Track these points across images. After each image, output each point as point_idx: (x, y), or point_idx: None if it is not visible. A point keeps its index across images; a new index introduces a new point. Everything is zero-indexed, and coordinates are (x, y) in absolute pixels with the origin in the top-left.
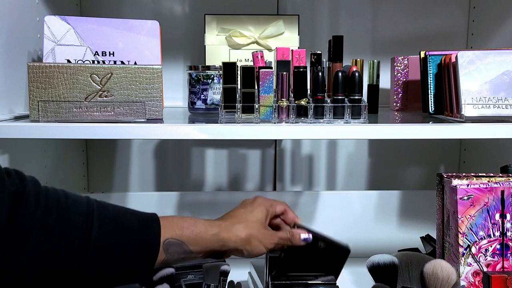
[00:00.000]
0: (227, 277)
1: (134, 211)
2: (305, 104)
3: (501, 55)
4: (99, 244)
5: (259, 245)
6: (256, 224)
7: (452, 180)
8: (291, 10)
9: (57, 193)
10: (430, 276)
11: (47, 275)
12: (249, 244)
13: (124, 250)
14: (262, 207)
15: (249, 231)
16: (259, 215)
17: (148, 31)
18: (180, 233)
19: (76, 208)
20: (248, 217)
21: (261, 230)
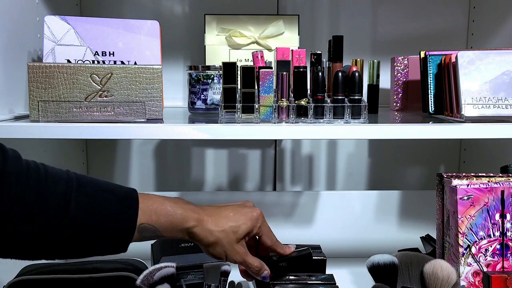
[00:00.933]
0: (227, 277)
1: (113, 188)
2: (305, 104)
3: (501, 55)
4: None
5: (222, 253)
6: (230, 235)
7: (452, 180)
8: (291, 10)
9: (38, 170)
10: (430, 276)
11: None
12: (212, 247)
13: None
14: (249, 223)
15: (220, 238)
16: (240, 228)
17: (148, 31)
18: (156, 220)
19: (55, 187)
20: (228, 224)
21: (232, 242)
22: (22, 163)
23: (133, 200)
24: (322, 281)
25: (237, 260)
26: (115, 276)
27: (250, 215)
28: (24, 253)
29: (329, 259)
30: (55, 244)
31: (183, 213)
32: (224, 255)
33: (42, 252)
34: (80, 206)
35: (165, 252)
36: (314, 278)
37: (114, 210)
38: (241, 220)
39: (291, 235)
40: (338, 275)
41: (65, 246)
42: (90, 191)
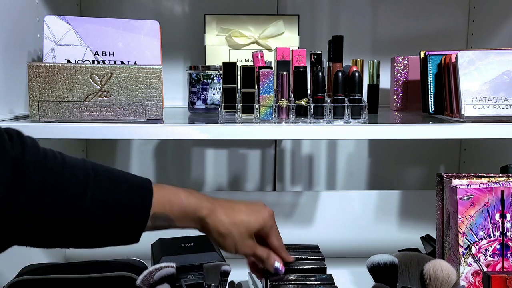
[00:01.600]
0: (227, 277)
1: (129, 177)
2: (305, 104)
3: (501, 55)
4: (91, 213)
5: (231, 246)
6: (242, 229)
7: (452, 180)
8: (291, 10)
9: (55, 159)
10: (430, 276)
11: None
12: (222, 239)
13: (114, 216)
14: (261, 220)
15: (231, 230)
16: (251, 225)
17: (148, 31)
18: (170, 209)
19: (72, 177)
20: (239, 218)
21: (243, 236)
22: (40, 152)
23: (148, 190)
24: (321, 282)
25: (247, 252)
26: (115, 276)
27: (263, 214)
28: (39, 241)
29: (329, 259)
30: (70, 233)
31: (196, 202)
32: (234, 248)
33: (57, 240)
34: (96, 195)
35: (165, 252)
36: (313, 278)
37: (128, 200)
38: (253, 216)
39: (291, 235)
40: (338, 275)
41: (79, 235)
42: (105, 181)
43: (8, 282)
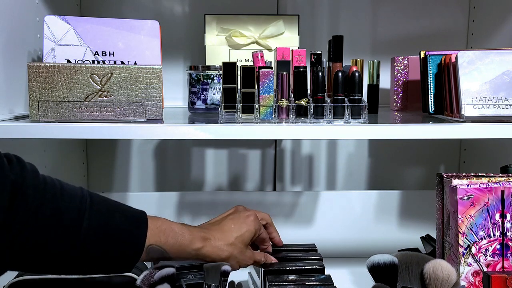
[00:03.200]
0: (227, 277)
1: (124, 209)
2: (305, 104)
3: (501, 55)
4: (87, 241)
5: (235, 264)
6: (239, 245)
7: (452, 180)
8: (291, 10)
9: (54, 185)
10: (430, 276)
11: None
12: (226, 261)
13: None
14: (251, 228)
15: (231, 252)
16: (245, 236)
17: (148, 31)
18: (164, 241)
19: (70, 203)
20: (234, 235)
21: (242, 251)
22: (39, 177)
23: (143, 221)
24: (320, 282)
25: (248, 263)
26: (115, 276)
27: (249, 221)
28: (32, 266)
29: (329, 260)
30: (65, 260)
31: (190, 234)
32: (237, 265)
33: (51, 266)
34: (93, 223)
35: None
36: (312, 278)
37: (124, 230)
38: (244, 228)
39: (291, 235)
40: (338, 275)
41: (74, 262)
42: (102, 210)
43: (8, 282)
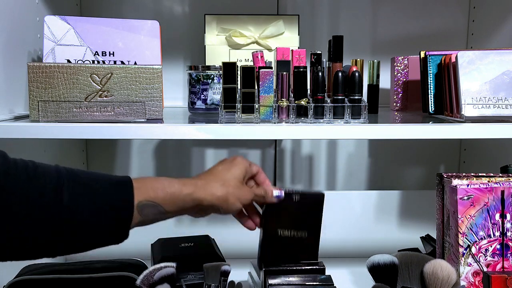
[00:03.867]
0: (227, 277)
1: (106, 175)
2: (305, 104)
3: (501, 55)
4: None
5: (236, 202)
6: (233, 182)
7: (452, 180)
8: (291, 10)
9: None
10: (430, 276)
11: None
12: (225, 202)
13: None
14: (241, 165)
15: (226, 189)
16: (237, 173)
17: (148, 31)
18: (154, 196)
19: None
20: (226, 176)
21: (238, 188)
22: (10, 161)
23: (127, 182)
24: (320, 282)
25: (248, 198)
26: (115, 276)
27: (236, 161)
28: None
29: (329, 259)
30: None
31: (179, 182)
32: (239, 203)
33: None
34: (73, 195)
35: (165, 252)
36: (312, 279)
37: (109, 195)
38: (233, 167)
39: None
40: (338, 275)
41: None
42: (82, 180)
43: (8, 282)
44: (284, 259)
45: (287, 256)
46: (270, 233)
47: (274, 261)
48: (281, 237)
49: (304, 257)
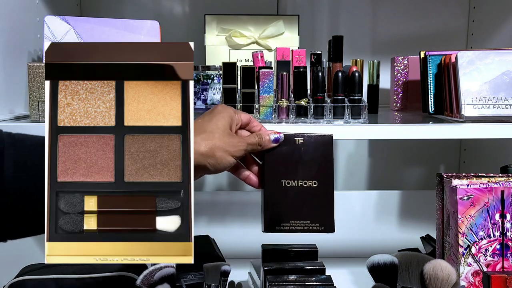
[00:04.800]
0: (227, 277)
1: None
2: (305, 104)
3: (501, 55)
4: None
5: (225, 155)
6: (217, 134)
7: (452, 180)
8: (291, 10)
9: None
10: (430, 276)
11: None
12: (212, 157)
13: None
14: (223, 113)
15: (210, 142)
16: (220, 123)
17: (148, 31)
18: None
19: None
20: (206, 127)
21: (225, 138)
22: None
23: None
24: (320, 282)
25: (241, 149)
26: (115, 276)
27: (217, 110)
28: None
29: (329, 259)
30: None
31: None
32: (230, 156)
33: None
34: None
35: None
36: (312, 279)
37: None
38: (214, 117)
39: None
40: (338, 275)
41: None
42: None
43: (8, 282)
44: (292, 215)
45: (295, 212)
46: (273, 186)
47: (280, 219)
48: (287, 189)
49: (317, 214)
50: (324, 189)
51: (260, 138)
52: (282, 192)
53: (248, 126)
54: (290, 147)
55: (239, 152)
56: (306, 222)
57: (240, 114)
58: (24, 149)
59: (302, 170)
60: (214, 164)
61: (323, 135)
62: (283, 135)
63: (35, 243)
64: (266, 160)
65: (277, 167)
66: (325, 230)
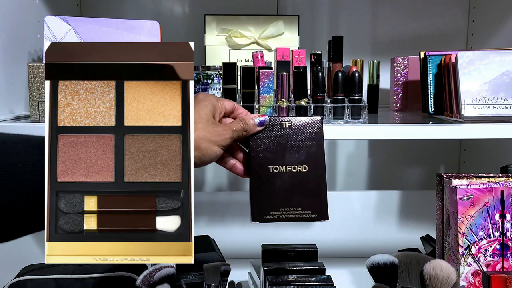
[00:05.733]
0: (227, 277)
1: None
2: (305, 104)
3: (501, 55)
4: None
5: (210, 146)
6: (200, 124)
7: (452, 180)
8: (291, 10)
9: None
10: (430, 276)
11: None
12: (197, 149)
13: None
14: (205, 101)
15: (194, 134)
16: (203, 111)
17: (148, 31)
18: None
19: None
20: None
21: (209, 128)
22: None
23: None
24: (320, 282)
25: (227, 137)
26: (115, 276)
27: (197, 98)
28: None
29: (329, 259)
30: None
31: None
32: (216, 146)
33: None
34: None
35: None
36: (312, 279)
37: None
38: (195, 106)
39: (291, 235)
40: (338, 275)
41: None
42: None
43: (8, 282)
44: (281, 203)
45: (285, 199)
46: (259, 172)
47: (269, 208)
48: (274, 175)
49: (309, 201)
50: (315, 174)
51: (244, 123)
52: (269, 179)
53: (233, 114)
54: (277, 131)
55: (224, 141)
56: (297, 210)
57: (223, 102)
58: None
59: (290, 154)
60: (199, 156)
61: (311, 118)
62: (269, 118)
63: (35, 243)
64: (252, 146)
65: (263, 152)
66: (318, 217)
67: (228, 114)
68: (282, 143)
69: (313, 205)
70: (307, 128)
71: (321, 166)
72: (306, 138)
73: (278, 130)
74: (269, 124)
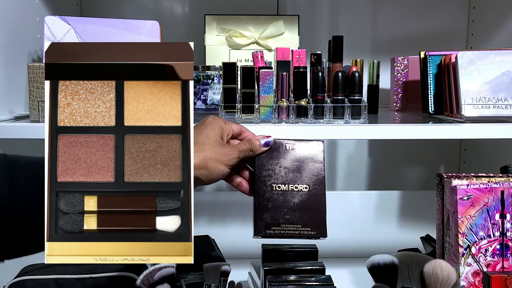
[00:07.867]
0: (227, 277)
1: None
2: (305, 104)
3: (501, 55)
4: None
5: (218, 165)
6: (208, 145)
7: (452, 180)
8: (291, 10)
9: None
10: (430, 276)
11: None
12: (205, 169)
13: None
14: (213, 124)
15: (201, 154)
16: (211, 133)
17: (148, 31)
18: None
19: None
20: (197, 139)
21: (216, 148)
22: None
23: None
24: (320, 282)
25: (233, 157)
26: (115, 276)
27: (208, 121)
28: None
29: (329, 259)
30: None
31: None
32: (223, 166)
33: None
34: None
35: None
36: (312, 279)
37: None
38: (204, 128)
39: None
40: (338, 275)
41: None
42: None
43: (8, 282)
44: (283, 220)
45: (286, 217)
46: (263, 190)
47: (271, 224)
48: (277, 193)
49: (309, 219)
50: (316, 194)
51: (250, 143)
52: (272, 196)
53: (240, 136)
54: (280, 152)
55: (231, 160)
56: (297, 227)
57: (231, 124)
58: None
59: (293, 174)
60: (207, 175)
61: (313, 141)
62: (273, 139)
63: None
64: (257, 165)
65: (267, 172)
66: (316, 235)
67: (235, 136)
68: (286, 163)
69: (313, 223)
70: (309, 150)
71: (321, 186)
72: (308, 159)
73: (282, 151)
74: (274, 146)
